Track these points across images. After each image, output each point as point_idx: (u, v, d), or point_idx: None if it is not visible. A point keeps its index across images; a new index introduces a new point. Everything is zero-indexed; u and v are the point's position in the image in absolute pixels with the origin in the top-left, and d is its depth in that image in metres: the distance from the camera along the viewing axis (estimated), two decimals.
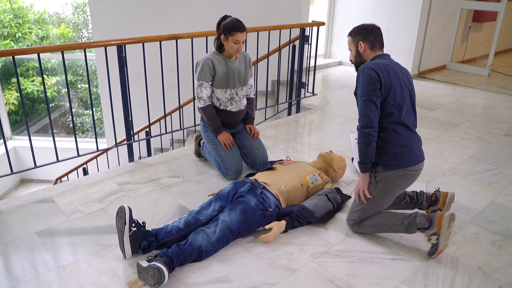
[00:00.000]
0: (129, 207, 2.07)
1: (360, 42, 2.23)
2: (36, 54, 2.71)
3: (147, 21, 5.47)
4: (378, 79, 2.08)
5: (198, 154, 3.29)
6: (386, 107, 2.12)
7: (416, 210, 2.48)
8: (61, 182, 5.22)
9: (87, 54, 3.04)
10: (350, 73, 6.44)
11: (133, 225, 2.05)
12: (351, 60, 2.31)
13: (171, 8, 5.41)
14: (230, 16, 2.80)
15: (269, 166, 2.67)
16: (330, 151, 2.93)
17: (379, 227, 2.26)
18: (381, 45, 2.24)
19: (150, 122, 3.63)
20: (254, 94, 3.20)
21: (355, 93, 2.20)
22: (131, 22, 5.51)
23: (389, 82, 2.11)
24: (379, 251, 2.21)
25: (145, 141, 4.71)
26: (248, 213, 2.24)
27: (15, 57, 2.64)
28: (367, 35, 2.21)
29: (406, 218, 2.17)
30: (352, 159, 3.22)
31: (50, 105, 9.06)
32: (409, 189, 2.62)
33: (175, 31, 3.44)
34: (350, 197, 2.71)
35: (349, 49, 2.31)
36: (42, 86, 8.46)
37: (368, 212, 2.27)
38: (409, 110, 2.20)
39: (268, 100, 4.62)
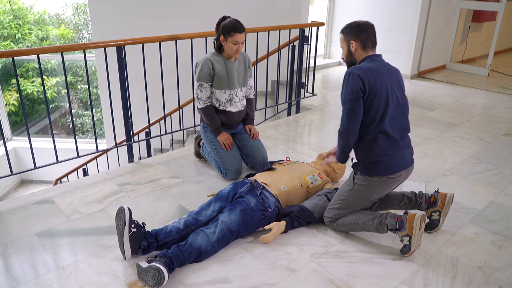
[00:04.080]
0: (128, 208, 2.07)
1: (351, 41, 2.19)
2: (36, 55, 2.72)
3: (147, 21, 5.47)
4: (362, 87, 2.06)
5: (198, 154, 3.29)
6: (369, 115, 2.11)
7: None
8: (61, 183, 5.22)
9: (87, 55, 3.05)
10: None
11: (133, 225, 2.05)
12: (342, 58, 2.30)
13: (171, 9, 5.41)
14: (229, 16, 2.80)
15: (268, 167, 2.67)
16: None
17: (351, 225, 2.28)
18: (374, 44, 2.21)
19: (150, 122, 3.63)
20: (253, 95, 3.20)
21: (341, 95, 2.19)
22: (131, 22, 5.51)
23: (374, 89, 2.08)
24: (379, 251, 2.21)
25: (145, 141, 4.70)
26: (247, 213, 2.24)
27: (15, 58, 2.64)
28: (359, 34, 2.17)
29: (377, 217, 2.18)
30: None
31: (50, 106, 9.06)
32: (409, 189, 2.62)
33: (175, 32, 3.44)
34: None
35: (341, 47, 2.29)
36: (42, 87, 8.41)
37: (343, 212, 2.29)
38: (393, 118, 2.16)
39: (267, 101, 4.61)
